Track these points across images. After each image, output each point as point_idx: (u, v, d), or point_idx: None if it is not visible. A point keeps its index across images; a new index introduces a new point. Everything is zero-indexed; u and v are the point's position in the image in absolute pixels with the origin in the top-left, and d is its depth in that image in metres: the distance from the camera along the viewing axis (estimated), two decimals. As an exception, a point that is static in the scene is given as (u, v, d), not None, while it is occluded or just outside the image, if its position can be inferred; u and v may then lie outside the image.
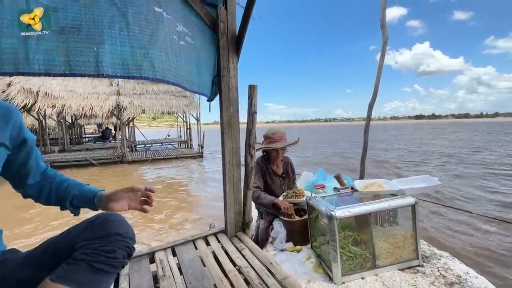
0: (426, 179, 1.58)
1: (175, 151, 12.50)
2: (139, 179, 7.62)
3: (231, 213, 1.95)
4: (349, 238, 1.40)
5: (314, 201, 1.56)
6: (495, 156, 10.51)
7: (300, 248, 1.76)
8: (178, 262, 1.63)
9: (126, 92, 10.04)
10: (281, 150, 2.29)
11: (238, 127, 1.92)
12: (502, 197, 5.23)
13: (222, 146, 1.91)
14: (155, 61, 1.43)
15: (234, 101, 1.88)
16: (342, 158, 11.36)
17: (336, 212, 1.32)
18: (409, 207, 1.44)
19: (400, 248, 1.43)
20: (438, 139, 21.56)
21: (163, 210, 4.61)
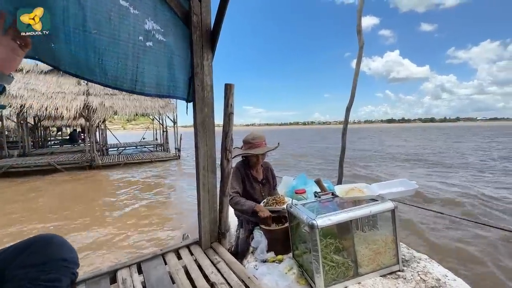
0: (404, 183, 1.58)
1: (150, 154, 11.95)
2: (107, 185, 7.10)
3: (206, 222, 1.79)
4: (331, 246, 1.35)
5: (295, 209, 1.49)
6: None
7: (281, 258, 1.66)
8: (144, 281, 1.44)
9: (96, 92, 9.40)
10: (261, 156, 2.20)
11: (213, 129, 1.78)
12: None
13: (195, 150, 1.76)
14: (108, 69, 1.31)
15: (209, 101, 1.73)
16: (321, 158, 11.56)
17: (317, 221, 1.27)
18: (389, 212, 1.43)
19: (381, 254, 1.41)
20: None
21: (130, 220, 4.24)
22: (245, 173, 2.24)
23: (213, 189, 1.80)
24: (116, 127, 64.20)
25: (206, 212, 1.79)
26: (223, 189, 1.83)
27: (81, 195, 5.98)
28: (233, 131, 1.78)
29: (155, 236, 3.52)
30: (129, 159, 10.52)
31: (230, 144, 1.80)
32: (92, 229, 3.83)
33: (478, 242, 3.45)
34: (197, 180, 1.78)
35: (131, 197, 5.71)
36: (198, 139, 1.72)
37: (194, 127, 1.74)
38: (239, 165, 2.29)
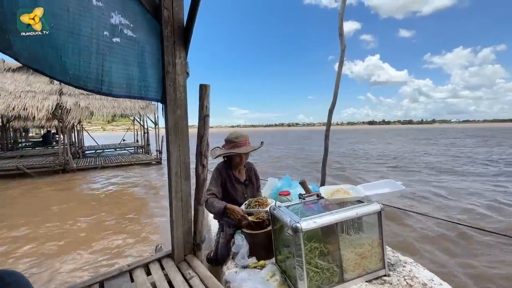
0: (391, 184, 1.55)
1: (130, 157, 11.47)
2: (80, 191, 6.68)
3: (179, 233, 1.66)
4: (316, 251, 1.29)
5: (278, 211, 1.42)
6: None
7: (264, 263, 1.57)
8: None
9: (71, 92, 8.86)
10: (244, 156, 2.10)
11: (187, 132, 1.66)
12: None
13: (167, 155, 1.62)
14: (69, 66, 1.17)
15: (182, 103, 1.61)
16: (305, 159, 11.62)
17: (301, 224, 1.20)
18: (375, 214, 1.39)
19: (367, 258, 1.37)
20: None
21: (99, 231, 3.85)
22: (227, 174, 2.13)
23: (186, 197, 1.67)
24: (95, 128, 61.61)
25: (179, 222, 1.66)
26: (198, 197, 1.71)
27: (44, 203, 5.56)
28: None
29: (126, 249, 3.26)
30: (107, 162, 10.03)
31: (205, 149, 1.68)
32: (50, 243, 3.49)
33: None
34: (169, 188, 1.64)
35: (103, 204, 5.39)
36: (170, 143, 1.58)
37: (165, 130, 1.61)
38: (220, 166, 2.18)
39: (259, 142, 2.24)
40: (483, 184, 6.77)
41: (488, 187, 6.48)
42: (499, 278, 2.63)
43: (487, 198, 5.42)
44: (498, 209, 4.78)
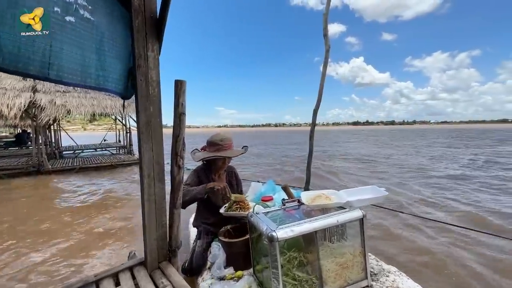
0: (374, 190, 1.53)
1: (110, 158, 11.03)
2: (53, 194, 6.30)
3: (152, 239, 1.55)
4: (295, 261, 1.21)
5: (255, 219, 1.34)
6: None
7: (241, 274, 1.49)
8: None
9: (46, 89, 8.36)
10: (228, 160, 2.01)
11: (161, 131, 1.55)
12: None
13: (139, 155, 1.51)
14: (5, 44, 0.97)
15: (155, 99, 1.50)
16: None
17: (278, 233, 1.12)
18: (357, 222, 1.34)
19: (348, 268, 1.30)
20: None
21: (66, 237, 3.54)
22: (206, 178, 2.03)
23: (160, 201, 1.56)
24: (76, 128, 59.08)
25: (153, 227, 1.55)
26: (173, 200, 1.60)
27: (9, 208, 5.21)
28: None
29: (96, 257, 3.04)
30: (86, 163, 9.58)
31: (181, 149, 1.58)
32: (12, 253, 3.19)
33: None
34: (141, 191, 1.52)
35: (76, 208, 5.10)
36: (142, 143, 1.47)
37: (137, 129, 1.50)
38: (199, 169, 2.07)
39: (242, 146, 2.15)
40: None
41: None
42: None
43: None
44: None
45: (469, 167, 9.35)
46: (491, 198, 5.42)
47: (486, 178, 7.32)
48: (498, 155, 12.88)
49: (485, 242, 3.31)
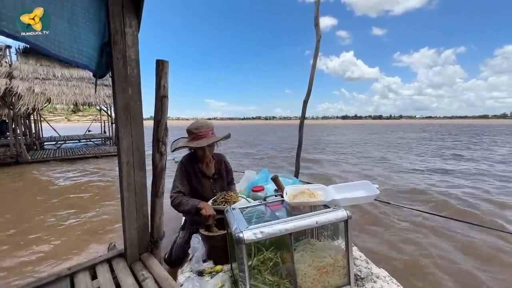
0: (366, 186, 1.41)
1: (95, 149, 10.67)
2: (32, 185, 6.02)
3: (132, 229, 1.46)
4: (269, 262, 1.11)
5: (230, 215, 1.21)
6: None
7: (220, 268, 1.43)
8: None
9: (23, 75, 7.89)
10: (208, 148, 1.89)
11: (141, 115, 1.44)
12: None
13: (117, 141, 1.41)
14: None
15: (134, 80, 1.39)
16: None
17: (245, 234, 1.01)
18: (341, 223, 1.17)
19: (328, 274, 1.16)
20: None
21: (40, 230, 3.35)
22: (192, 168, 1.94)
23: (141, 189, 1.47)
24: (59, 119, 56.87)
25: (133, 218, 1.46)
26: (155, 189, 1.52)
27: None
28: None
29: (73, 250, 2.88)
30: (69, 154, 9.22)
31: (163, 134, 1.48)
32: None
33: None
34: (120, 179, 1.43)
35: (53, 197, 4.89)
36: (120, 127, 1.37)
37: (114, 112, 1.39)
38: (184, 160, 1.97)
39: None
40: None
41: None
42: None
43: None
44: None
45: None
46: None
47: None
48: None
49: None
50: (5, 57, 8.20)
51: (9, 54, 8.51)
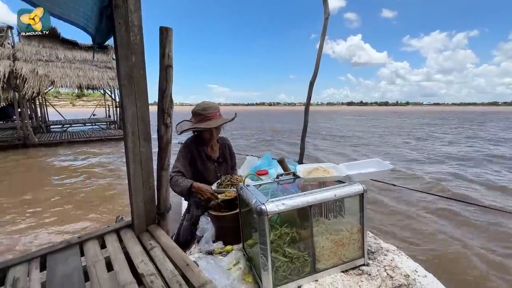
0: (377, 163, 1.42)
1: (100, 132, 10.75)
2: (41, 166, 6.13)
3: (139, 201, 1.46)
4: (286, 237, 1.13)
5: (245, 191, 1.23)
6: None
7: (231, 249, 1.44)
8: (45, 280, 1.10)
9: (27, 57, 7.84)
10: (215, 130, 1.86)
11: (145, 84, 1.40)
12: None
13: (122, 111, 1.38)
14: None
15: (137, 47, 1.33)
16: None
17: (267, 206, 1.02)
18: (357, 196, 1.22)
19: (344, 246, 1.22)
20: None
21: (54, 205, 3.58)
22: (197, 150, 1.91)
23: (147, 161, 1.45)
24: (64, 104, 57.11)
25: (140, 189, 1.45)
26: (161, 161, 1.50)
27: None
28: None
29: (82, 222, 3.00)
30: (75, 137, 9.32)
31: (169, 106, 1.45)
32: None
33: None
34: (126, 150, 1.41)
35: (65, 178, 4.98)
36: (124, 96, 1.33)
37: (118, 80, 1.35)
38: (189, 142, 1.94)
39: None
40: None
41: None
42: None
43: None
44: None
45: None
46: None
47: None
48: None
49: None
50: (7, 38, 8.11)
51: (11, 35, 8.41)
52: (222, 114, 1.92)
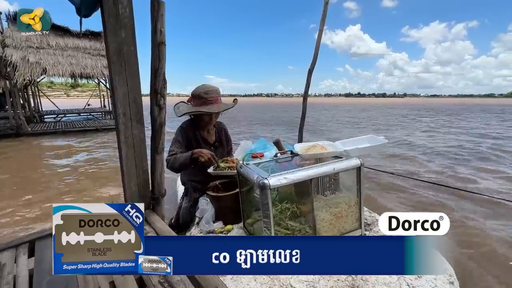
0: (371, 139, 1.44)
1: (95, 122, 10.59)
2: (34, 154, 6.02)
3: (133, 185, 1.41)
4: (287, 212, 1.16)
5: (245, 169, 1.22)
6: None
7: (231, 228, 1.42)
8: (33, 267, 1.05)
9: (16, 44, 7.56)
10: (215, 115, 1.80)
11: (136, 62, 1.32)
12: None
13: (111, 91, 1.30)
14: None
15: (127, 22, 1.25)
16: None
17: (270, 180, 1.03)
18: (354, 170, 1.26)
19: (343, 218, 1.26)
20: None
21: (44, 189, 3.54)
22: (193, 134, 1.85)
23: (140, 144, 1.39)
24: (58, 94, 56.10)
25: (133, 173, 1.40)
26: (155, 144, 1.44)
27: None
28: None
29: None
30: (69, 127, 9.15)
31: (162, 85, 1.37)
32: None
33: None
34: (117, 132, 1.35)
35: (56, 165, 4.91)
36: (113, 75, 1.25)
37: (107, 57, 1.27)
38: (185, 125, 1.87)
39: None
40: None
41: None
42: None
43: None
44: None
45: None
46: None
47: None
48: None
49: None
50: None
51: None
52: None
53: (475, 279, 2.03)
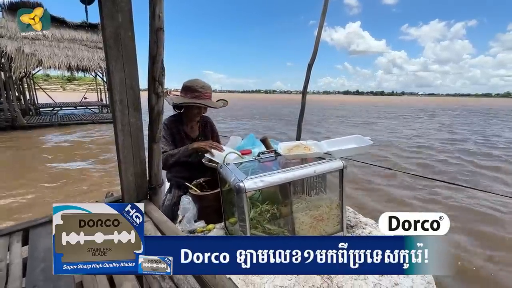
0: (357, 139, 1.43)
1: (92, 116, 10.49)
2: (30, 146, 5.95)
3: (129, 175, 1.38)
4: (267, 214, 1.13)
5: (224, 170, 1.21)
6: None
7: (213, 227, 1.41)
8: (27, 255, 1.02)
9: (11, 34, 7.41)
10: (204, 109, 1.81)
11: (134, 48, 1.28)
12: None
13: (107, 76, 1.27)
14: None
15: (124, 5, 1.21)
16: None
17: (246, 183, 1.01)
18: (337, 172, 1.23)
19: (324, 221, 1.24)
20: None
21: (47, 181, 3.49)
22: (177, 130, 1.84)
23: (137, 133, 1.36)
24: (54, 88, 55.45)
25: (130, 163, 1.37)
26: (152, 134, 1.41)
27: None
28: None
29: (72, 198, 2.94)
30: (65, 120, 9.06)
31: (160, 73, 1.34)
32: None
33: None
34: (113, 120, 1.31)
35: (52, 157, 4.86)
36: (110, 60, 1.21)
37: (103, 42, 1.23)
38: (168, 121, 1.86)
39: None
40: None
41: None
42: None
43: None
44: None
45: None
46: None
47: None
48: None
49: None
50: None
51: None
52: (214, 99, 1.90)
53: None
